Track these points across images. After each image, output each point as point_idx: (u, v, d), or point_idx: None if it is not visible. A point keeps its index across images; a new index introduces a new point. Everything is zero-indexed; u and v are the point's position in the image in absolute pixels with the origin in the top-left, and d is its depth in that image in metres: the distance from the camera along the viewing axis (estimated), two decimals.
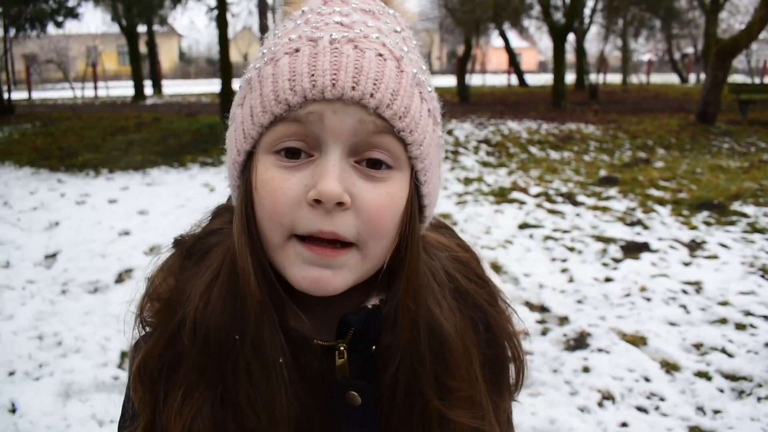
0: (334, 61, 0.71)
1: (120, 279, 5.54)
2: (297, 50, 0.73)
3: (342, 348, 0.80)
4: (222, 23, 15.46)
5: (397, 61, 0.74)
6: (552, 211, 7.84)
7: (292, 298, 0.78)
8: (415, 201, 0.79)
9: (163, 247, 0.92)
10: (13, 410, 3.52)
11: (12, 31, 20.88)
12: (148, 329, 0.86)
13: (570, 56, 29.57)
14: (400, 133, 0.73)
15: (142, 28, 28.57)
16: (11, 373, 3.90)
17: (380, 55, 0.73)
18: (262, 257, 0.76)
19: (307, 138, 0.73)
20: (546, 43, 46.36)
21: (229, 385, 0.77)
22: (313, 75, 0.70)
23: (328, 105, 0.71)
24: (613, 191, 8.90)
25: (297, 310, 0.78)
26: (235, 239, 0.77)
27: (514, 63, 34.41)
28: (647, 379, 3.80)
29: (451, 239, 0.98)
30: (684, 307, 4.82)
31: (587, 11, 28.19)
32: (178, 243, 0.91)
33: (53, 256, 6.18)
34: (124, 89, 34.21)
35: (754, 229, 6.84)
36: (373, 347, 0.81)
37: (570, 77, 27.72)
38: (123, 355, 4.15)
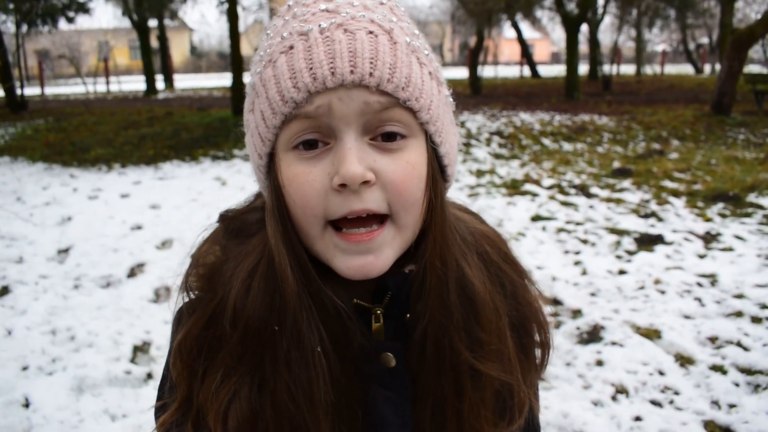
0: (327, 50, 0.73)
1: (132, 273, 5.56)
2: (291, 47, 0.76)
3: (378, 312, 0.84)
4: (233, 17, 15.46)
5: (388, 34, 0.76)
6: (565, 203, 7.78)
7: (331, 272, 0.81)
8: (435, 163, 0.83)
9: (211, 222, 0.95)
10: (27, 405, 3.54)
11: (24, 27, 21.02)
12: (192, 295, 0.89)
13: (583, 47, 29.39)
14: (406, 103, 0.76)
15: (153, 23, 28.72)
16: (25, 368, 3.93)
17: (371, 32, 0.75)
18: (298, 250, 0.79)
19: (320, 129, 0.75)
20: (559, 33, 46.04)
21: (267, 373, 0.80)
22: (311, 69, 0.73)
23: (332, 93, 0.73)
24: (626, 183, 8.82)
25: (335, 285, 0.81)
26: (270, 237, 0.80)
27: (526, 54, 34.21)
28: (661, 373, 3.76)
29: (477, 219, 1.02)
30: (699, 300, 4.76)
31: (601, 1, 27.94)
32: (223, 218, 0.94)
33: (66, 251, 6.21)
34: (136, 84, 34.39)
35: None
36: (408, 315, 0.84)
37: (583, 68, 27.54)
38: (135, 349, 4.17)
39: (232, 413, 0.80)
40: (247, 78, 0.90)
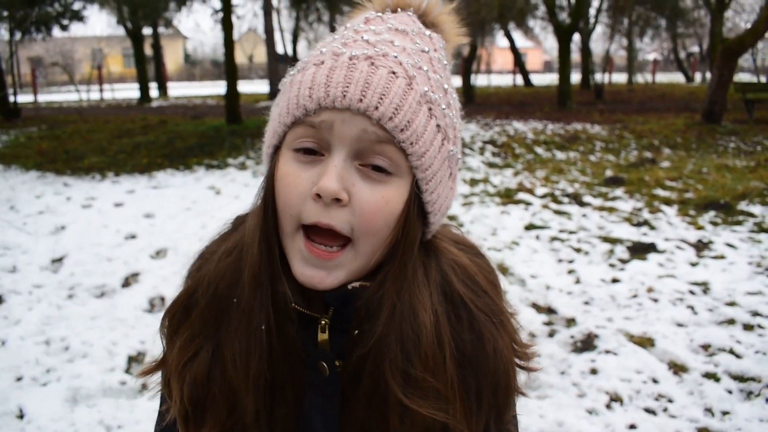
0: (348, 75, 0.80)
1: (127, 283, 5.55)
2: (322, 62, 0.83)
3: (323, 323, 0.88)
4: (227, 25, 15.49)
5: (409, 79, 0.82)
6: (558, 212, 7.82)
7: None
8: (414, 207, 0.86)
9: (206, 230, 1.07)
10: (21, 416, 3.52)
11: (18, 35, 20.96)
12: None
13: (575, 56, 29.54)
14: (400, 144, 0.81)
15: (147, 31, 28.68)
16: (19, 379, 3.91)
17: (393, 72, 0.81)
18: (271, 236, 0.87)
19: (320, 140, 0.82)
20: (551, 42, 46.25)
21: (221, 340, 0.90)
22: (327, 86, 0.80)
23: (338, 114, 0.80)
24: (619, 191, 8.87)
25: (290, 285, 0.87)
26: (250, 217, 0.91)
27: (519, 63, 34.36)
28: (655, 381, 3.79)
29: (466, 254, 1.01)
30: (691, 307, 4.79)
31: (592, 11, 28.14)
32: (235, 219, 1.05)
33: (60, 260, 6.20)
34: (130, 92, 34.30)
35: (761, 228, 6.80)
36: (356, 331, 0.87)
37: (575, 77, 27.68)
38: (130, 359, 4.16)
39: (190, 371, 0.90)
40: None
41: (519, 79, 36.13)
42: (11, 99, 19.71)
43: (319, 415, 0.90)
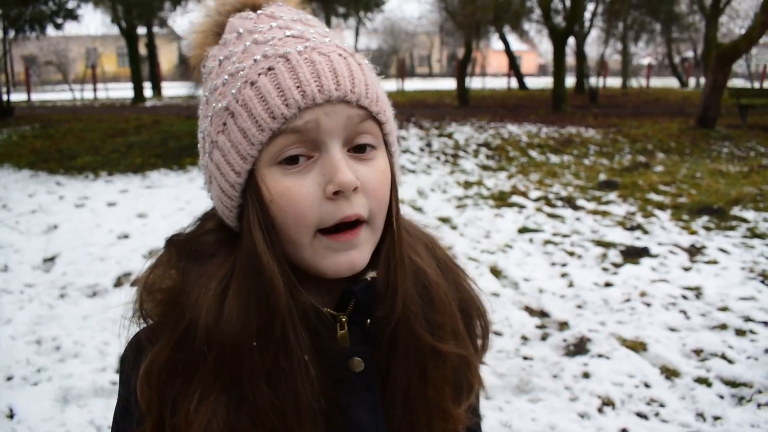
0: (311, 70, 0.79)
1: (119, 283, 5.53)
2: (270, 68, 0.80)
3: (343, 319, 0.87)
4: None
5: (352, 56, 0.84)
6: (552, 216, 7.83)
7: (302, 282, 0.84)
8: (395, 169, 0.91)
9: (157, 249, 0.94)
10: (11, 416, 3.50)
11: (12, 33, 20.88)
12: (149, 321, 0.88)
13: (570, 59, 29.58)
14: (377, 116, 0.84)
15: (141, 30, 28.59)
16: (9, 378, 3.89)
17: (340, 55, 0.82)
18: (284, 265, 0.82)
19: (306, 143, 0.80)
20: (546, 46, 46.37)
21: (245, 390, 0.81)
22: (299, 86, 0.78)
23: (319, 109, 0.79)
24: (612, 195, 8.89)
25: (305, 294, 0.84)
26: (261, 252, 0.80)
27: (514, 66, 34.44)
28: (647, 385, 3.79)
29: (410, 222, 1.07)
30: (684, 312, 4.81)
31: (588, 15, 28.24)
32: (172, 241, 0.93)
33: (52, 259, 6.17)
34: (124, 91, 34.20)
35: (754, 234, 6.83)
36: (368, 321, 0.89)
37: (570, 81, 27.73)
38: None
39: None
40: (201, 110, 0.94)
41: (514, 82, 36.21)
42: (4, 97, 19.62)
43: (364, 410, 0.89)
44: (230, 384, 0.81)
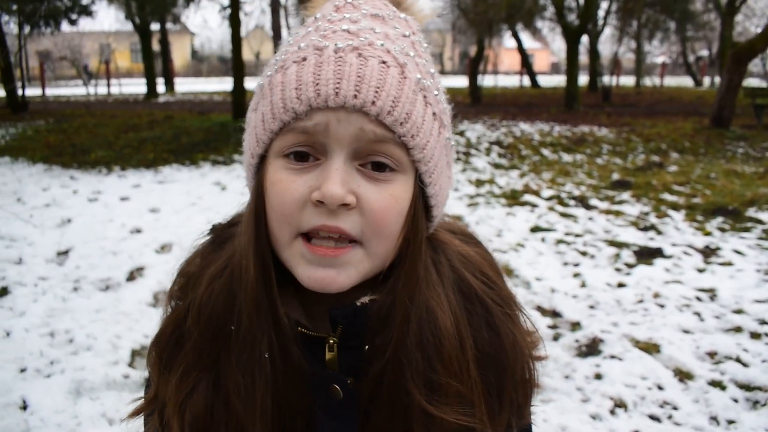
0: (337, 70, 0.74)
1: (131, 277, 5.55)
2: (304, 59, 0.77)
3: (332, 342, 0.83)
4: (235, 22, 15.50)
5: (401, 67, 0.77)
6: (564, 215, 7.79)
7: (301, 290, 0.82)
8: (420, 202, 0.82)
9: (203, 232, 0.99)
10: (25, 407, 3.52)
11: (27, 29, 21.03)
12: (173, 302, 0.93)
13: (583, 58, 29.46)
14: (401, 138, 0.76)
15: (155, 26, 28.73)
16: (23, 370, 3.91)
17: (383, 62, 0.76)
18: (266, 254, 0.80)
19: (314, 144, 0.76)
20: (559, 44, 46.18)
21: (221, 371, 0.83)
22: (317, 84, 0.74)
23: (332, 114, 0.74)
24: (626, 195, 8.84)
25: (292, 306, 0.84)
26: (241, 235, 0.83)
27: (526, 64, 34.31)
28: (660, 388, 3.76)
29: (466, 244, 0.97)
30: (698, 314, 4.76)
31: (601, 13, 28.06)
32: (213, 229, 0.97)
33: (65, 253, 6.20)
34: (137, 87, 34.37)
35: None
36: (366, 347, 0.82)
37: (583, 79, 27.61)
38: (134, 353, 4.16)
39: (190, 407, 0.83)
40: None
41: (526, 81, 36.09)
42: (19, 92, 19.78)
43: None
44: (211, 364, 0.84)
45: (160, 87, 30.38)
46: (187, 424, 0.83)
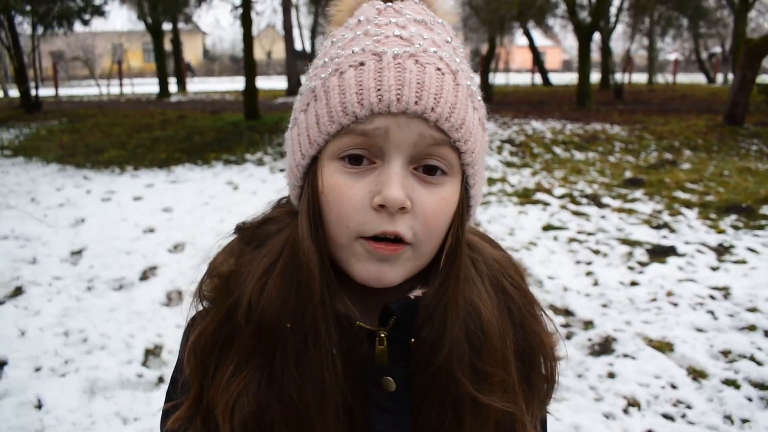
0: (398, 76, 0.76)
1: (145, 276, 5.59)
2: (362, 64, 0.78)
3: (382, 335, 0.85)
4: (247, 21, 15.54)
5: (454, 74, 0.80)
6: (576, 213, 7.76)
7: (346, 287, 0.84)
8: (465, 203, 0.86)
9: (227, 232, 0.98)
10: (40, 406, 3.56)
11: (40, 29, 21.19)
12: (205, 304, 0.92)
13: (595, 55, 29.31)
14: (455, 143, 0.80)
15: (167, 26, 28.86)
16: (37, 369, 3.95)
17: (438, 69, 0.78)
18: (325, 254, 0.82)
19: (371, 148, 0.78)
20: (571, 41, 45.94)
21: (277, 369, 0.83)
22: (379, 90, 0.76)
23: (392, 119, 0.76)
24: (638, 193, 8.79)
25: (346, 299, 0.84)
26: (302, 237, 0.82)
27: (538, 62, 34.16)
28: (674, 386, 3.74)
29: (493, 247, 1.02)
30: (711, 312, 4.73)
31: (613, 10, 27.88)
32: (239, 229, 0.97)
33: (79, 252, 6.25)
34: (149, 86, 34.55)
35: None
36: (412, 340, 0.85)
37: (595, 76, 27.47)
38: (147, 352, 4.18)
39: (239, 406, 0.82)
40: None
41: (538, 78, 35.94)
42: (33, 93, 19.93)
43: (388, 430, 0.87)
44: (264, 362, 0.84)
45: (172, 86, 30.52)
46: (238, 423, 0.83)
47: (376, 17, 0.83)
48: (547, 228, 7.11)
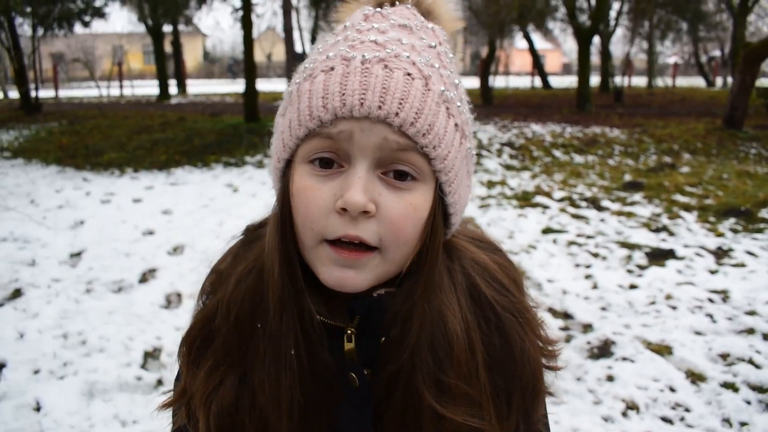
0: (363, 81, 0.77)
1: (144, 279, 5.59)
2: (332, 68, 0.79)
3: (350, 332, 0.86)
4: (247, 24, 15.55)
5: (425, 79, 0.79)
6: (576, 216, 7.77)
7: (323, 287, 0.84)
8: (439, 211, 0.85)
9: (237, 234, 1.03)
10: (38, 408, 3.56)
11: (40, 31, 21.20)
12: (204, 298, 0.98)
13: (595, 58, 29.33)
14: (423, 149, 0.79)
15: (167, 28, 28.87)
16: (36, 372, 3.95)
17: (408, 74, 0.78)
18: (292, 254, 0.83)
19: (338, 151, 0.79)
20: (570, 44, 45.99)
21: (248, 366, 0.87)
22: (343, 94, 0.77)
23: (356, 123, 0.77)
24: (638, 196, 8.79)
25: (313, 300, 0.85)
26: (267, 236, 0.86)
27: (538, 65, 34.20)
28: (672, 390, 3.74)
29: (484, 251, 0.99)
30: (710, 316, 4.74)
31: (613, 13, 27.92)
32: (246, 230, 1.01)
33: (78, 254, 6.25)
34: (149, 88, 34.56)
35: None
36: (383, 339, 0.86)
37: (594, 80, 27.48)
38: (146, 355, 4.18)
39: (216, 400, 0.87)
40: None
41: (537, 81, 35.95)
42: (33, 94, 19.93)
43: (350, 426, 0.88)
44: (239, 359, 0.88)
45: (173, 88, 30.51)
46: (213, 415, 0.86)
47: (361, 23, 0.84)
48: (547, 231, 7.11)
